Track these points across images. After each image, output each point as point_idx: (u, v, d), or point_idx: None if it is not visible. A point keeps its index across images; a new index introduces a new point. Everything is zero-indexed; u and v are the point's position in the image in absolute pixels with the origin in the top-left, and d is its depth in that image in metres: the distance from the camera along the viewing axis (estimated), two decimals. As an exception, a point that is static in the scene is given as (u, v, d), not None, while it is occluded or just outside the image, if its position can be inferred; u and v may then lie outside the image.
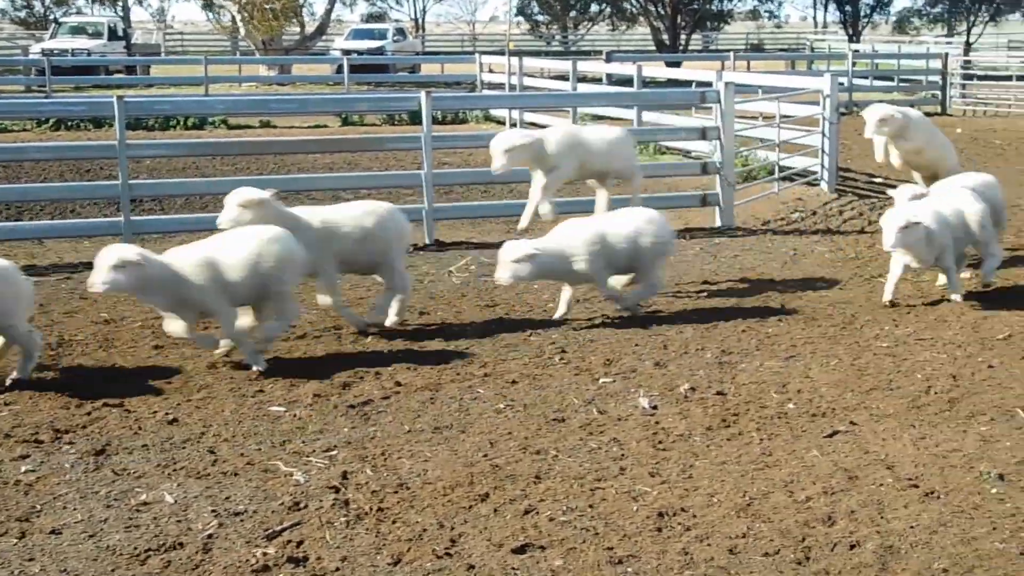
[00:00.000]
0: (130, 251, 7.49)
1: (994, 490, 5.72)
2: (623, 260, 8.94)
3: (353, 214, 8.67)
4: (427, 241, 12.08)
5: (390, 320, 8.77)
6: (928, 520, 5.39)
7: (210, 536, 5.30)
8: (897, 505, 5.57)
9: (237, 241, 7.81)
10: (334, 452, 6.34)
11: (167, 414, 6.95)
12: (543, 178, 9.95)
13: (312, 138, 19.64)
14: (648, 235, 8.97)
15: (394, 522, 5.46)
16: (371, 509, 5.60)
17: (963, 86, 31.70)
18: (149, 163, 17.72)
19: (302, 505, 5.65)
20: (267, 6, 37.86)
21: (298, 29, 44.71)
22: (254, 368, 7.78)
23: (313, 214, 8.62)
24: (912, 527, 5.32)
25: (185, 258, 7.69)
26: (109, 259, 7.32)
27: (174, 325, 7.80)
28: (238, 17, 39.73)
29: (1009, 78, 32.60)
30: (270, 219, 8.20)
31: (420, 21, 70.44)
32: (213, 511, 5.56)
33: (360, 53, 41.21)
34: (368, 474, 6.03)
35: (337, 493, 5.78)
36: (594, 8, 63.24)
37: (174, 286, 7.53)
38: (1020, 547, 5.11)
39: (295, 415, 6.95)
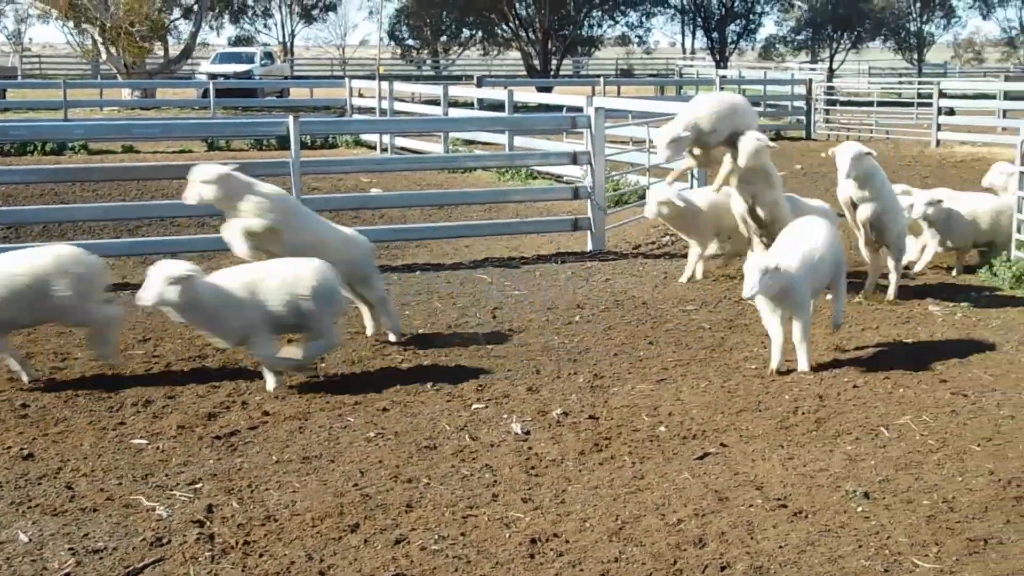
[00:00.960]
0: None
1: (860, 508, 5.81)
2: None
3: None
4: (296, 267, 11.86)
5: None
6: (796, 539, 5.44)
7: (67, 575, 5.08)
8: (766, 525, 5.62)
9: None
10: (199, 485, 6.16)
11: (22, 449, 6.68)
12: None
13: (177, 163, 19.25)
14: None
15: (261, 556, 5.32)
16: (237, 543, 5.45)
17: (827, 111, 32.57)
18: (4, 190, 17.14)
19: (165, 540, 5.47)
20: (132, 29, 37.06)
21: (162, 52, 43.93)
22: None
23: None
24: (781, 547, 5.36)
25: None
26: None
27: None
28: (100, 40, 38.82)
29: (871, 103, 33.59)
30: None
31: (289, 45, 69.83)
32: (70, 549, 5.35)
33: (227, 77, 40.64)
34: (234, 507, 5.86)
35: (202, 527, 5.62)
36: (465, 33, 63.49)
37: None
38: (885, 564, 5.19)
39: (158, 447, 6.74)
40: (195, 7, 45.74)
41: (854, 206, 10.39)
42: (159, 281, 7.32)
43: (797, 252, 8.37)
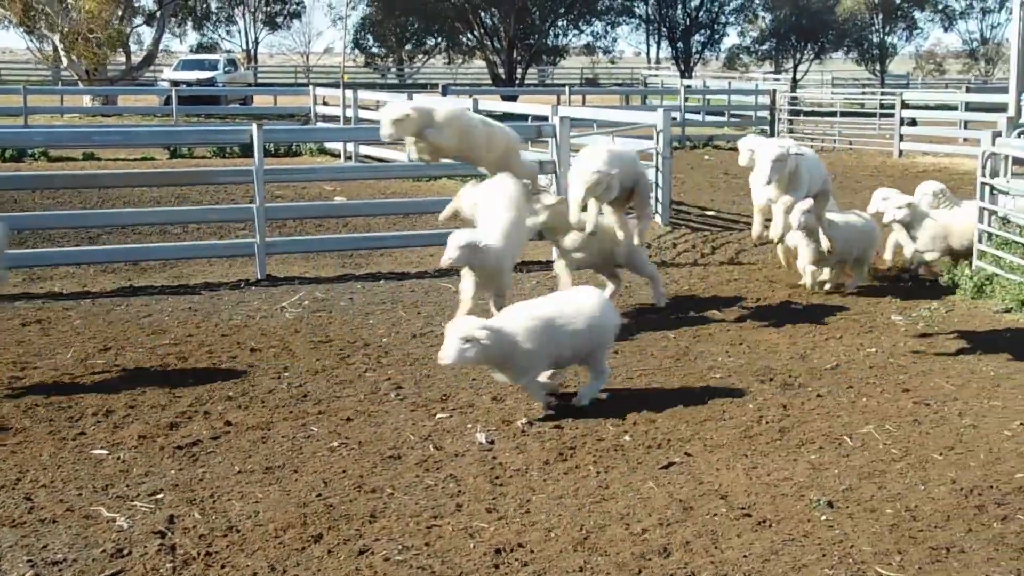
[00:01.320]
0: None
1: (823, 517, 5.83)
2: None
3: None
4: (259, 276, 11.81)
5: None
6: (760, 549, 5.45)
7: (25, 589, 5.02)
8: (731, 534, 5.62)
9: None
10: (160, 495, 6.10)
11: (-20, 460, 6.60)
12: None
13: (138, 171, 19.18)
14: None
15: (223, 567, 5.27)
16: (199, 554, 5.39)
17: (790, 121, 32.77)
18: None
19: (125, 552, 5.40)
20: (91, 35, 36.76)
21: (124, 59, 43.62)
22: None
23: None
24: (745, 556, 5.37)
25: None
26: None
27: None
28: (60, 46, 38.50)
29: (834, 114, 33.83)
30: None
31: (252, 52, 69.57)
32: (29, 561, 5.28)
33: (190, 84, 40.45)
34: (196, 517, 5.81)
35: (163, 538, 5.55)
36: (430, 41, 63.51)
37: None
38: (848, 573, 5.21)
39: (119, 458, 6.66)
40: (158, 14, 45.46)
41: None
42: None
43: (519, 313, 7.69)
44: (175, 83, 37.89)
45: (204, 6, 66.76)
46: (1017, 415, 7.53)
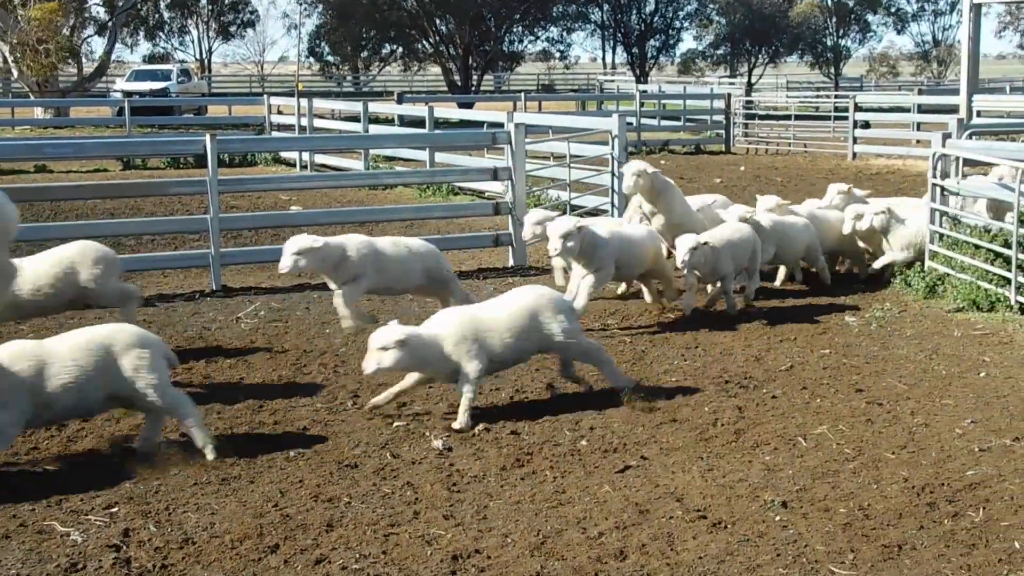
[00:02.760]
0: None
1: (778, 518, 5.88)
2: None
3: None
4: (214, 287, 11.75)
5: None
6: (716, 550, 5.49)
7: (-23, 606, 4.98)
8: (686, 537, 5.66)
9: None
10: (114, 509, 6.06)
11: (-69, 476, 6.52)
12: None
13: (90, 183, 19.00)
14: None
15: (179, 580, 5.24)
16: (154, 567, 5.37)
17: (746, 125, 33.00)
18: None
19: (80, 566, 5.38)
20: (40, 46, 36.44)
21: (75, 70, 43.26)
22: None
23: None
24: (700, 558, 5.41)
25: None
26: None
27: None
28: (10, 58, 38.14)
29: (788, 117, 34.10)
30: None
31: (206, 62, 69.18)
32: (-19, 578, 5.23)
33: (142, 95, 40.19)
34: (151, 530, 5.78)
35: (118, 552, 5.53)
36: (386, 49, 63.40)
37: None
38: (802, 572, 5.26)
39: (72, 471, 6.61)
40: (109, 24, 45.13)
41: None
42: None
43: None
44: (128, 94, 37.67)
45: (157, 16, 66.31)
46: (968, 413, 7.63)
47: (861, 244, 12.13)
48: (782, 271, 12.05)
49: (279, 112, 28.80)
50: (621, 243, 10.11)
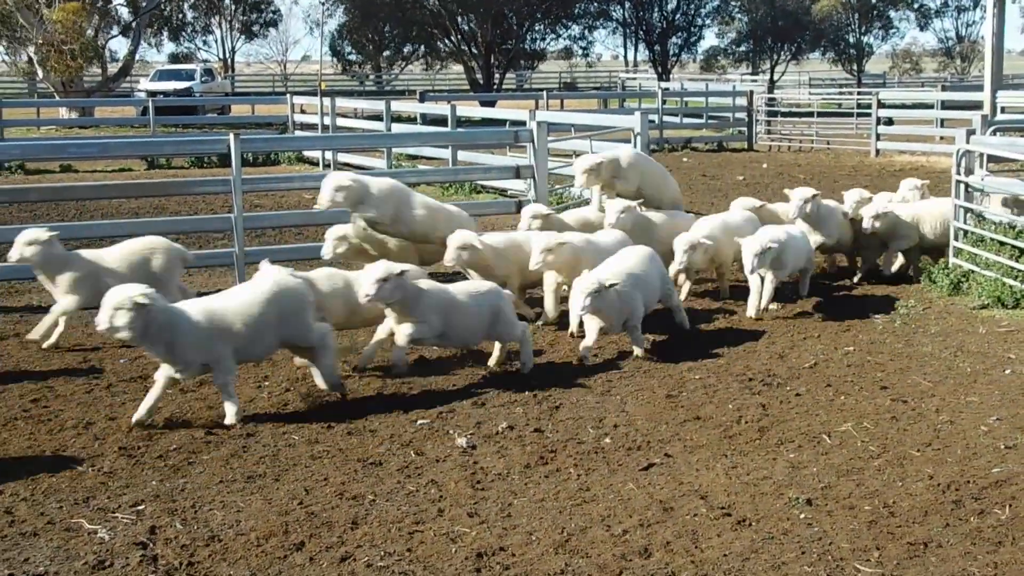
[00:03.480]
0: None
1: (802, 515, 5.87)
2: None
3: None
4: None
5: None
6: (740, 548, 5.48)
7: (6, 602, 5.02)
8: (711, 534, 5.66)
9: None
10: (141, 507, 6.10)
11: (-40, 474, 6.58)
12: None
13: (115, 183, 19.11)
14: None
15: (205, 577, 5.28)
16: (181, 564, 5.40)
17: (768, 122, 32.90)
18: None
19: (107, 564, 5.41)
20: (65, 47, 36.64)
21: (100, 70, 43.45)
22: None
23: None
24: (725, 555, 5.40)
25: None
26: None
27: None
28: (35, 58, 38.35)
29: (811, 114, 33.97)
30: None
31: (229, 61, 69.42)
32: (10, 575, 5.27)
33: (166, 94, 40.35)
34: (177, 528, 5.81)
35: (145, 549, 5.56)
36: (408, 48, 63.50)
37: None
38: (827, 570, 5.25)
39: (100, 469, 6.66)
40: (133, 24, 45.33)
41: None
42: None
43: None
44: (152, 94, 37.83)
45: (180, 16, 66.57)
46: (993, 410, 7.59)
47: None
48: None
49: (302, 111, 28.88)
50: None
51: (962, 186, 11.77)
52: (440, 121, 24.45)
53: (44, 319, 9.64)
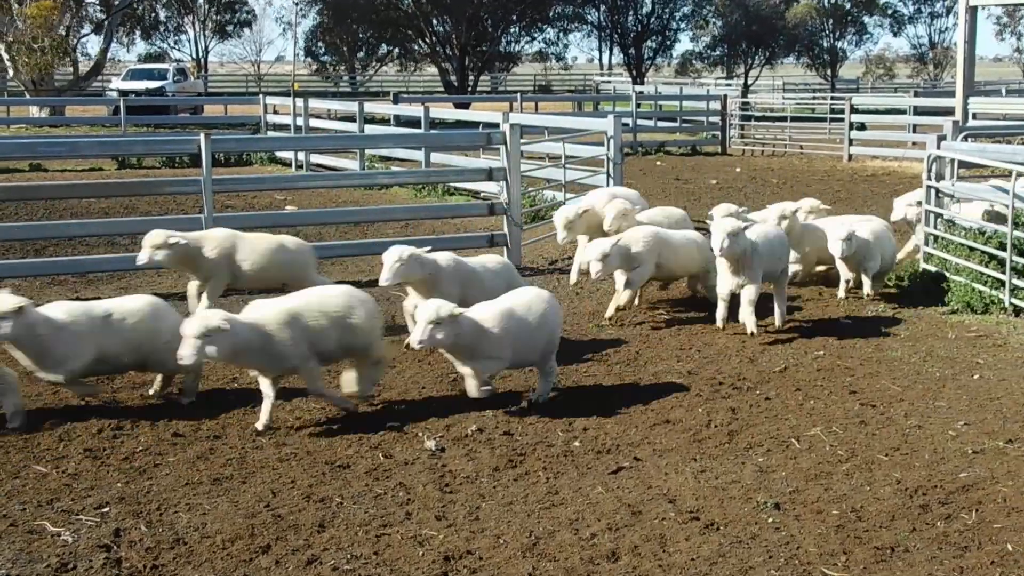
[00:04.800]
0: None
1: (770, 519, 5.87)
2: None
3: None
4: (209, 286, 11.69)
5: None
6: (708, 552, 5.48)
7: (-34, 606, 4.96)
8: (679, 538, 5.65)
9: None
10: (106, 509, 6.05)
11: (-78, 476, 6.50)
12: None
13: (84, 182, 18.98)
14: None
15: (169, 580, 5.23)
16: (145, 567, 5.36)
17: (741, 127, 32.99)
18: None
19: (70, 566, 5.36)
20: (35, 45, 36.34)
21: (71, 69, 43.14)
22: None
23: None
24: (693, 559, 5.40)
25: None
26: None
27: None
28: (6, 56, 38.05)
29: (784, 119, 34.09)
30: None
31: (203, 61, 69.09)
32: (-29, 578, 5.21)
33: (138, 94, 40.10)
34: (142, 530, 5.76)
35: (109, 552, 5.51)
36: (382, 49, 63.34)
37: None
38: (794, 574, 5.25)
39: (64, 471, 6.59)
40: (105, 23, 45.05)
41: None
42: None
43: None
44: (124, 93, 37.57)
45: (153, 15, 66.23)
46: (961, 415, 7.62)
47: None
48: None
49: (275, 112, 28.75)
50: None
51: (933, 191, 11.82)
52: (414, 123, 24.40)
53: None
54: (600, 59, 74.46)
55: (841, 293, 11.29)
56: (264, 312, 7.32)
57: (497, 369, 7.70)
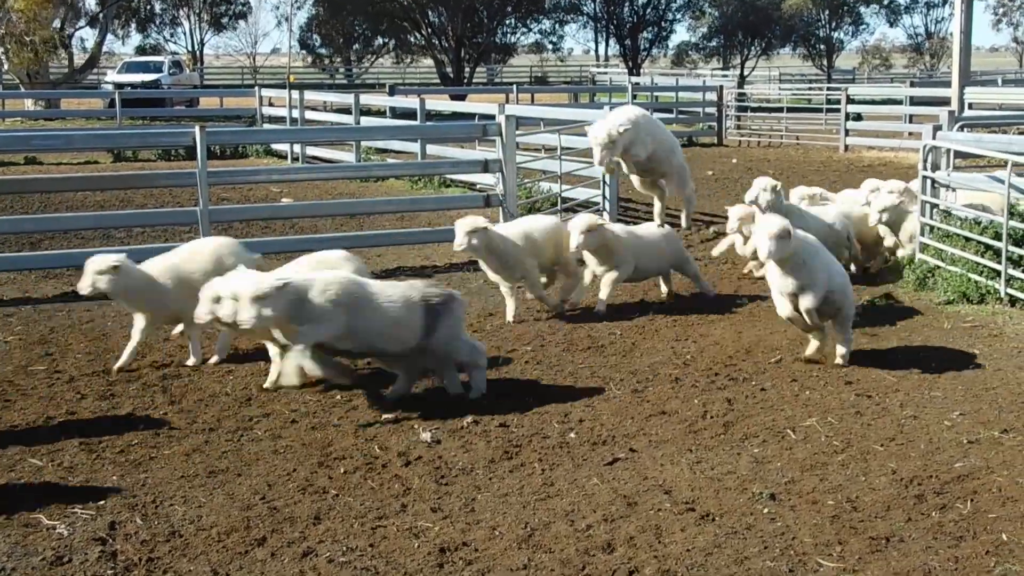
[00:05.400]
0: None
1: (766, 510, 5.87)
2: None
3: None
4: (204, 278, 11.68)
5: None
6: (703, 542, 5.48)
7: (-39, 599, 4.95)
8: (674, 529, 5.65)
9: None
10: (101, 502, 6.04)
11: (-83, 469, 6.50)
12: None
13: (79, 175, 18.94)
14: None
15: (165, 572, 5.24)
16: (140, 560, 5.35)
17: (738, 117, 32.95)
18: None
19: (65, 559, 5.35)
20: (27, 37, 36.26)
21: (66, 62, 43.05)
22: None
23: None
24: (688, 550, 5.40)
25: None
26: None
27: None
28: (0, 50, 37.97)
29: (780, 109, 34.04)
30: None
31: (198, 53, 68.96)
32: (-34, 572, 5.21)
33: (134, 86, 40.04)
34: (138, 523, 5.76)
35: (104, 545, 5.51)
36: (378, 41, 63.29)
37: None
38: (790, 564, 5.25)
39: (59, 464, 6.59)
40: (100, 15, 44.96)
41: None
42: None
43: None
44: (119, 85, 37.52)
45: (148, 8, 66.11)
46: (957, 405, 7.63)
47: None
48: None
49: (271, 104, 28.71)
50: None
51: (928, 182, 11.82)
52: (410, 115, 24.37)
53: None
54: (596, 50, 74.37)
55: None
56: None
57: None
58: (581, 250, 10.06)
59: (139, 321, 8.57)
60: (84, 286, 8.24)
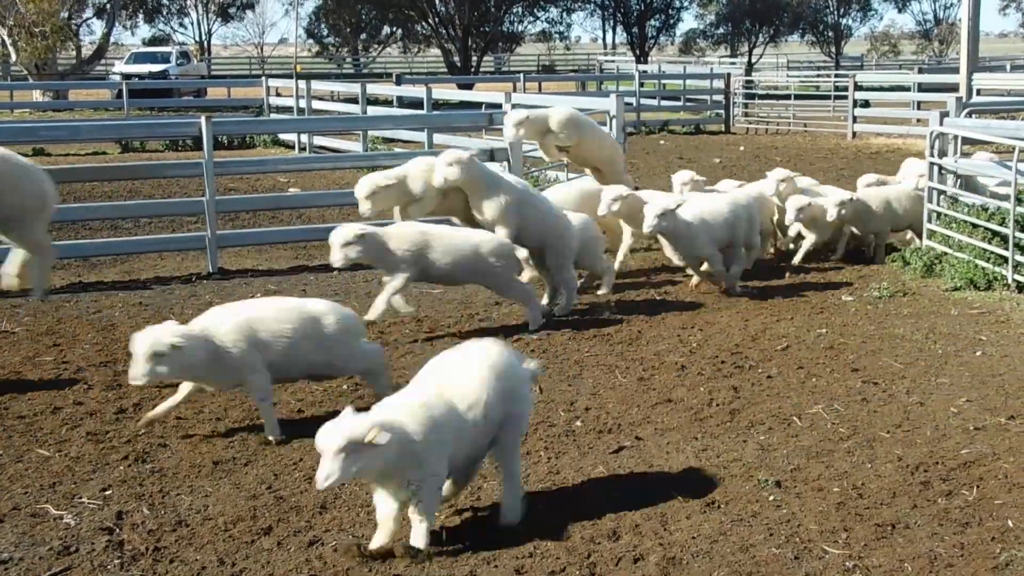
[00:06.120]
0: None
1: (771, 497, 5.87)
2: None
3: None
4: (211, 270, 11.72)
5: None
6: (709, 530, 5.48)
7: (-31, 589, 4.98)
8: (680, 516, 5.66)
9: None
10: (108, 492, 6.06)
11: (-75, 460, 6.52)
12: None
13: (86, 166, 18.97)
14: None
15: (171, 561, 5.25)
16: (147, 549, 5.37)
17: (745, 105, 32.90)
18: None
19: (73, 549, 5.37)
20: (36, 28, 36.30)
21: (74, 53, 43.09)
22: None
23: None
24: (694, 538, 5.40)
25: None
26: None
27: None
28: (8, 41, 38.02)
29: (788, 97, 33.99)
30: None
31: (205, 44, 68.98)
32: (-26, 562, 5.23)
33: (142, 77, 40.07)
34: (145, 513, 5.78)
35: (111, 534, 5.52)
36: (385, 30, 63.24)
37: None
38: (795, 551, 5.25)
39: (66, 455, 6.61)
40: (108, 6, 44.96)
41: None
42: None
43: None
44: (127, 76, 37.55)
45: (155, -2, 66.16)
46: (963, 392, 7.62)
47: None
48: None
49: (278, 94, 28.72)
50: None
51: (935, 168, 11.79)
52: (417, 104, 24.37)
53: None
54: (603, 38, 74.32)
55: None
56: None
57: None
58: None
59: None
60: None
